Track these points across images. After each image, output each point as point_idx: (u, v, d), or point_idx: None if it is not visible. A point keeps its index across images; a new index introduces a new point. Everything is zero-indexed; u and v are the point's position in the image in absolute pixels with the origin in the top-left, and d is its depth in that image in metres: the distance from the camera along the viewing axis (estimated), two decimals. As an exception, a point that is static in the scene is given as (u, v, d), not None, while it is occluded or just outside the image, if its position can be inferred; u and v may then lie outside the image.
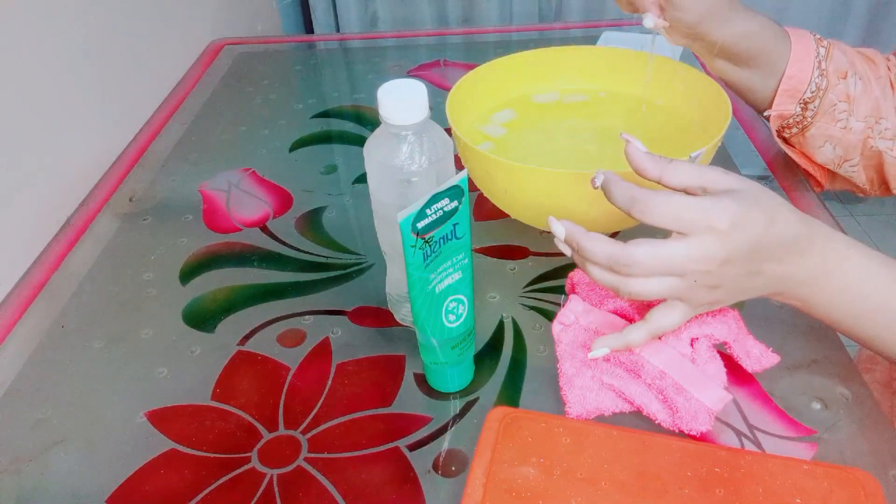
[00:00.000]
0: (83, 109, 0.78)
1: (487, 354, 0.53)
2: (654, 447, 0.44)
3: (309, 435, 0.47)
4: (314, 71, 1.00)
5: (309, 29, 1.77)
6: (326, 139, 0.82)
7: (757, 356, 0.48)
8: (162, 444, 0.48)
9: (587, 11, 1.71)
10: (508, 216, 0.63)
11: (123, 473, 0.46)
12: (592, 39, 0.94)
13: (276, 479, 0.45)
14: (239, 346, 0.55)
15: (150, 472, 0.46)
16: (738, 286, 0.43)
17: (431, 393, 0.50)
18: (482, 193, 0.62)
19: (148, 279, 0.62)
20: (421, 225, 0.41)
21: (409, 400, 0.50)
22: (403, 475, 0.45)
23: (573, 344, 0.50)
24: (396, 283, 0.54)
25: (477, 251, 0.62)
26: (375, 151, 0.47)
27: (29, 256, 0.65)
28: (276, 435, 0.48)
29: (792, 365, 0.50)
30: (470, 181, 0.60)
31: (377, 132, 0.48)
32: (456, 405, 0.49)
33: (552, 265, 0.61)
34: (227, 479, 0.45)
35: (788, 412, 0.47)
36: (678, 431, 0.45)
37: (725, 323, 0.48)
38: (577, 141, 0.66)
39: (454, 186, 0.42)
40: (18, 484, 0.46)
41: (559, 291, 0.58)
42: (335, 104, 0.89)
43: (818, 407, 0.47)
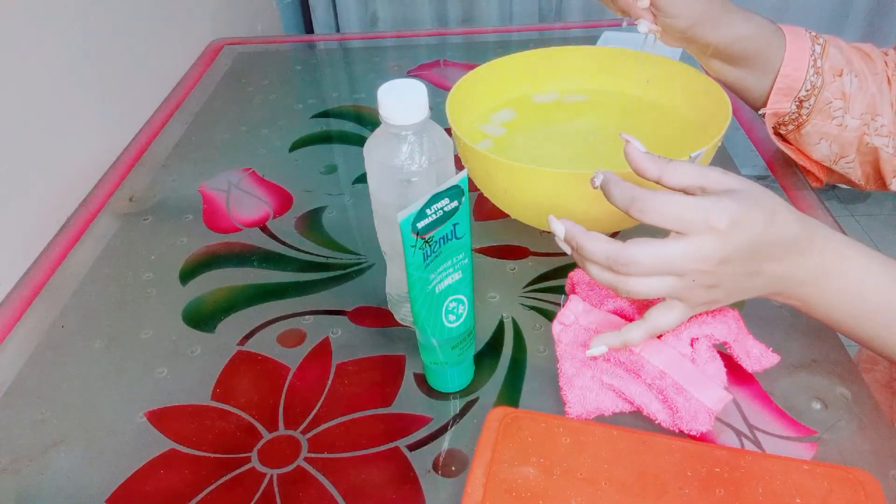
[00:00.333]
0: (83, 109, 0.78)
1: (487, 354, 0.53)
2: (654, 447, 0.44)
3: (309, 435, 0.47)
4: (314, 71, 1.00)
5: (309, 29, 1.77)
6: (326, 139, 0.82)
7: (757, 356, 0.48)
8: (162, 444, 0.48)
9: (587, 11, 1.71)
10: (508, 216, 0.63)
11: (123, 473, 0.46)
12: (592, 39, 0.94)
13: (276, 479, 0.45)
14: (239, 346, 0.55)
15: (150, 472, 0.46)
16: (736, 286, 0.43)
17: (431, 393, 0.50)
18: (482, 193, 0.62)
19: (148, 279, 0.62)
20: (421, 225, 0.41)
21: (409, 400, 0.50)
22: (403, 475, 0.45)
23: (573, 344, 0.50)
24: (396, 283, 0.54)
25: (477, 251, 0.62)
26: (375, 151, 0.47)
27: (29, 256, 0.65)
28: (276, 435, 0.48)
29: (792, 365, 0.50)
30: (470, 181, 0.60)
31: (377, 132, 0.48)
32: (456, 405, 0.49)
33: (552, 265, 0.61)
34: (227, 479, 0.45)
35: (788, 412, 0.47)
36: (678, 431, 0.45)
37: (725, 323, 0.48)
38: (577, 141, 0.66)
39: (454, 186, 0.42)
40: (18, 484, 0.46)
41: (559, 291, 0.58)
42: (335, 104, 0.89)
43: (818, 407, 0.47)
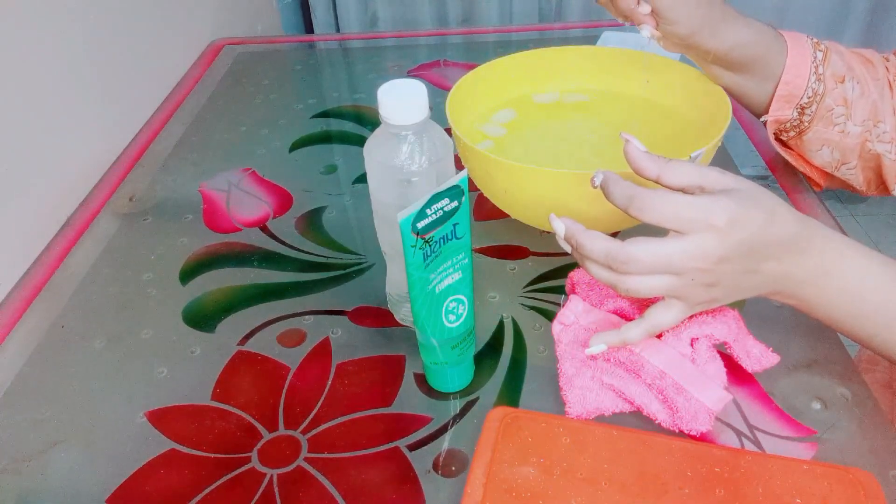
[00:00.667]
0: (83, 109, 0.78)
1: (487, 354, 0.53)
2: (654, 447, 0.44)
3: (309, 435, 0.47)
4: (314, 71, 1.00)
5: (309, 29, 1.77)
6: (326, 139, 0.82)
7: (757, 356, 0.48)
8: (162, 444, 0.48)
9: (587, 11, 1.71)
10: (508, 216, 0.63)
11: (123, 473, 0.46)
12: (592, 39, 0.94)
13: (276, 479, 0.45)
14: (239, 346, 0.55)
15: (150, 472, 0.46)
16: (735, 285, 0.43)
17: (431, 393, 0.50)
18: (482, 193, 0.62)
19: (148, 279, 0.62)
20: (421, 225, 0.41)
21: (409, 400, 0.50)
22: (403, 475, 0.45)
23: (573, 344, 0.50)
24: (396, 283, 0.54)
25: (477, 251, 0.62)
26: (375, 151, 0.47)
27: (29, 256, 0.65)
28: (276, 435, 0.48)
29: (792, 365, 0.50)
30: (470, 181, 0.60)
31: (377, 132, 0.48)
32: (456, 405, 0.49)
33: (552, 265, 0.61)
34: (227, 479, 0.45)
35: (788, 412, 0.47)
36: (678, 431, 0.45)
37: (725, 323, 0.48)
38: (577, 141, 0.66)
39: (454, 186, 0.42)
40: (18, 484, 0.46)
41: (559, 291, 0.58)
42: (335, 104, 0.89)
43: (818, 407, 0.47)
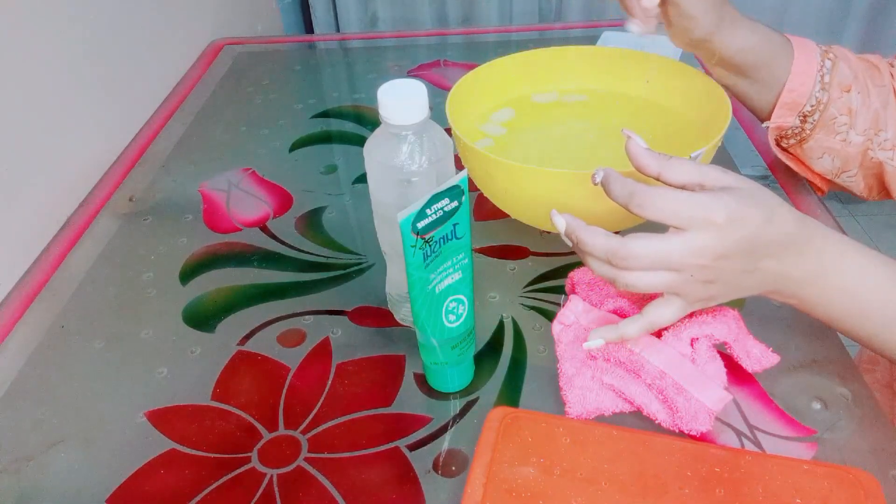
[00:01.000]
0: (83, 109, 0.78)
1: (487, 354, 0.53)
2: (654, 447, 0.44)
3: (309, 435, 0.47)
4: (314, 71, 1.00)
5: (309, 29, 1.77)
6: (326, 139, 0.82)
7: (757, 356, 0.48)
8: (162, 444, 0.48)
9: (587, 11, 1.71)
10: (508, 216, 0.63)
11: (123, 473, 0.46)
12: (592, 39, 0.94)
13: (276, 479, 0.45)
14: (239, 346, 0.55)
15: (150, 472, 0.46)
16: (734, 282, 0.43)
17: (431, 393, 0.50)
18: (482, 193, 0.62)
19: (148, 279, 0.62)
20: (421, 225, 0.41)
21: (409, 400, 0.50)
22: (403, 475, 0.45)
23: (573, 344, 0.50)
24: (396, 283, 0.54)
25: (477, 251, 0.62)
26: (375, 151, 0.47)
27: (29, 256, 0.65)
28: (276, 435, 0.48)
29: (792, 365, 0.50)
30: (470, 181, 0.60)
31: (377, 132, 0.48)
32: (456, 405, 0.49)
33: (552, 265, 0.61)
34: (227, 479, 0.45)
35: (788, 412, 0.47)
36: (678, 431, 0.46)
37: (725, 323, 0.48)
38: (577, 141, 0.66)
39: (454, 186, 0.42)
40: (18, 484, 0.46)
41: (559, 291, 0.58)
42: (335, 104, 0.89)
43: (818, 407, 0.47)
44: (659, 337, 0.48)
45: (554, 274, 0.60)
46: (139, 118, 0.87)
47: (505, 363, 0.52)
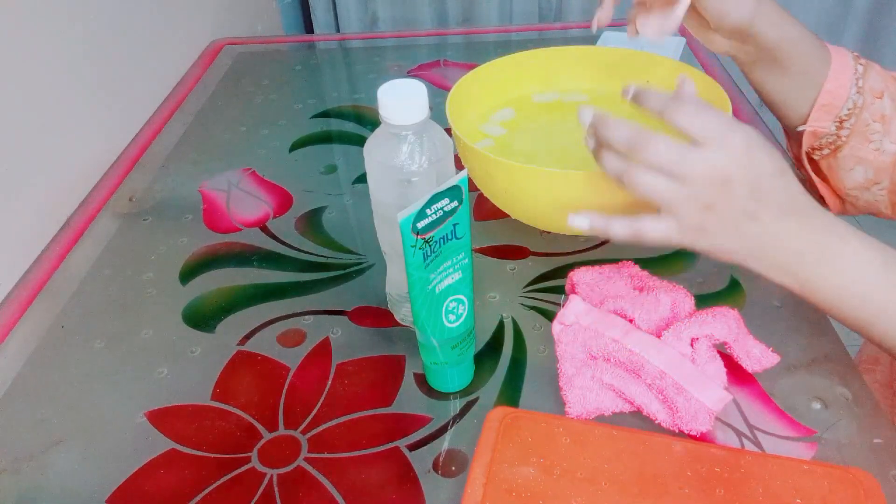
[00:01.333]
0: (83, 109, 0.78)
1: (487, 354, 0.53)
2: (654, 447, 0.44)
3: (309, 435, 0.47)
4: (314, 71, 1.00)
5: (309, 29, 1.77)
6: (326, 139, 0.82)
7: (757, 356, 0.48)
8: (162, 444, 0.48)
9: (587, 11, 1.71)
10: (508, 216, 0.63)
11: (123, 473, 0.46)
12: (592, 39, 0.94)
13: (276, 479, 0.45)
14: (239, 346, 0.55)
15: (150, 472, 0.46)
16: (731, 219, 0.43)
17: (431, 393, 0.50)
18: (482, 193, 0.62)
19: (148, 279, 0.62)
20: (421, 225, 0.41)
21: (409, 400, 0.50)
22: (403, 475, 0.45)
23: (573, 344, 0.50)
24: (396, 283, 0.54)
25: (477, 251, 0.62)
26: (375, 151, 0.47)
27: (29, 256, 0.65)
28: (276, 435, 0.48)
29: (792, 365, 0.50)
30: (470, 181, 0.60)
31: (377, 132, 0.48)
32: (456, 405, 0.49)
33: (552, 265, 0.61)
34: (227, 479, 0.45)
35: (788, 412, 0.47)
36: (678, 431, 0.46)
37: (725, 323, 0.48)
38: (576, 141, 0.66)
39: (454, 186, 0.42)
40: (18, 484, 0.46)
41: (559, 291, 0.58)
42: (335, 104, 0.89)
43: (818, 407, 0.47)
44: (659, 336, 0.48)
45: (554, 274, 0.60)
46: (139, 118, 0.87)
47: (505, 363, 0.52)
